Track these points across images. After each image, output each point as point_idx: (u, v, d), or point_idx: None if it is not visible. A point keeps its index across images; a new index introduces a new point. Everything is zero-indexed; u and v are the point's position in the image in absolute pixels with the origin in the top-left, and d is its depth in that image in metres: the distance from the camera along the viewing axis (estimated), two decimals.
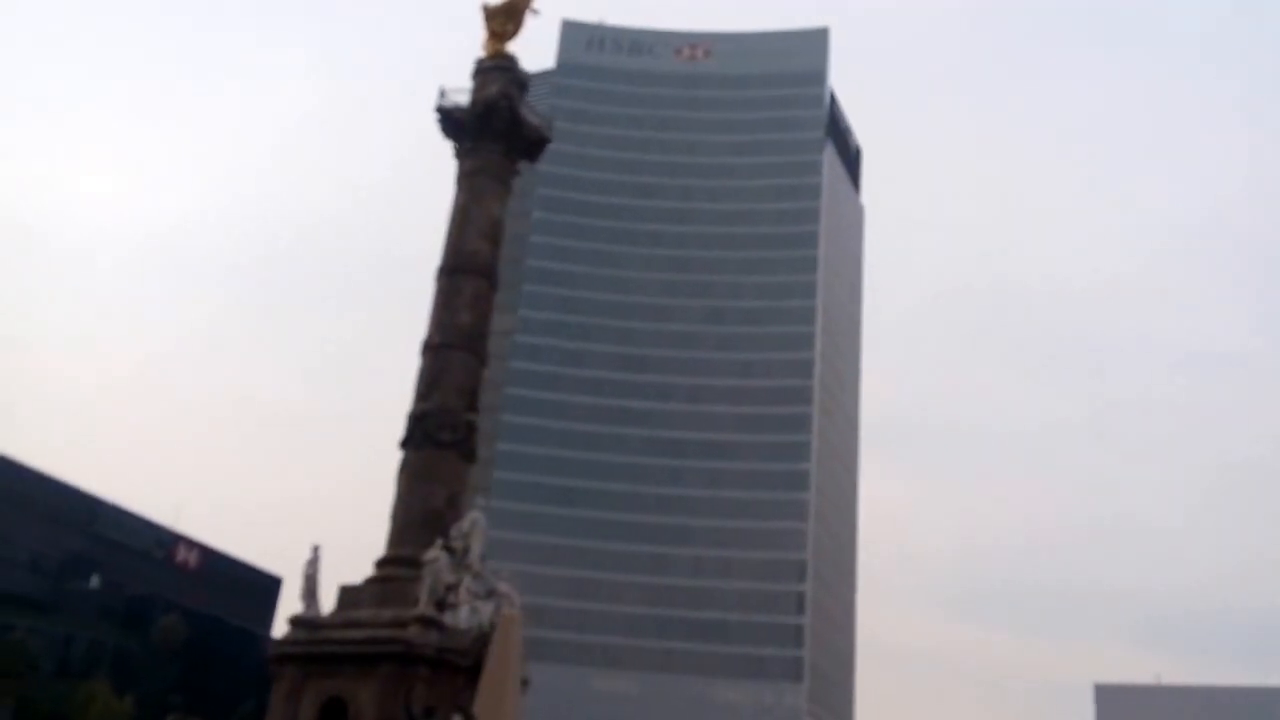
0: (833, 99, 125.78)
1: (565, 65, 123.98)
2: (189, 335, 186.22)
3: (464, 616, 33.04)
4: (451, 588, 33.76)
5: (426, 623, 32.26)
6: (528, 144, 42.14)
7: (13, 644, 75.09)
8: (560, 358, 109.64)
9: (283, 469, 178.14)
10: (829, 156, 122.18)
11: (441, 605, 33.21)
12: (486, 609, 34.61)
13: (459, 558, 34.77)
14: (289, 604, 71.78)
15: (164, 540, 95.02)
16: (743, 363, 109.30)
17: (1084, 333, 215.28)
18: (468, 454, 37.48)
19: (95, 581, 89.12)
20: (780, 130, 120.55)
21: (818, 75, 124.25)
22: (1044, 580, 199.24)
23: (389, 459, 37.59)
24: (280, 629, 34.89)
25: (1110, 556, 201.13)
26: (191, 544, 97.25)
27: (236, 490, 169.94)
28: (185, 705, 74.81)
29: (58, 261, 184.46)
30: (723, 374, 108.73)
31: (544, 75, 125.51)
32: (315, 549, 36.02)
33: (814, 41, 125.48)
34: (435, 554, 33.60)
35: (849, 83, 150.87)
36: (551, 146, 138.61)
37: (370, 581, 35.26)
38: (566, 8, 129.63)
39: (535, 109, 42.91)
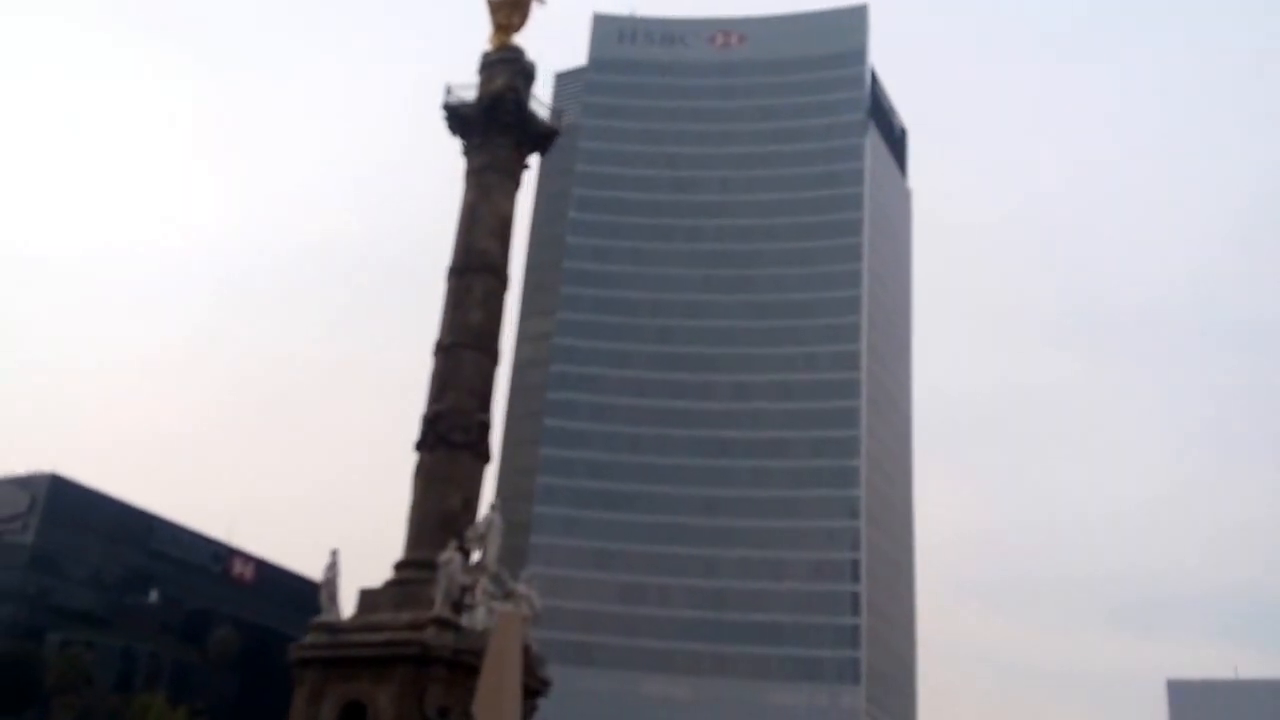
0: (874, 79, 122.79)
1: (598, 60, 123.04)
2: (219, 343, 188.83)
3: (480, 617, 32.54)
4: (467, 589, 33.27)
5: (442, 624, 31.90)
6: (536, 137, 41.22)
7: (73, 658, 76.68)
8: (601, 359, 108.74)
9: (330, 473, 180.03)
10: (872, 139, 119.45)
11: (458, 607, 32.78)
12: (504, 610, 34.04)
13: (476, 559, 34.37)
14: None
15: (220, 554, 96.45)
16: (787, 357, 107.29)
17: (1149, 310, 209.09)
18: (482, 454, 36.92)
19: (154, 596, 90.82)
20: (820, 115, 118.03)
21: (857, 55, 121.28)
22: (1113, 572, 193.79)
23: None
24: None
25: (1182, 548, 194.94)
26: (247, 558, 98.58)
27: (284, 501, 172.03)
28: (242, 715, 75.63)
29: (88, 285, 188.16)
30: (767, 369, 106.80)
31: (577, 72, 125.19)
32: (334, 553, 35.81)
33: (852, 20, 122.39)
34: (449, 555, 33.13)
35: (891, 61, 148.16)
36: (586, 144, 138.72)
37: (389, 585, 34.97)
38: (597, 1, 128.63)
39: (543, 100, 41.93)
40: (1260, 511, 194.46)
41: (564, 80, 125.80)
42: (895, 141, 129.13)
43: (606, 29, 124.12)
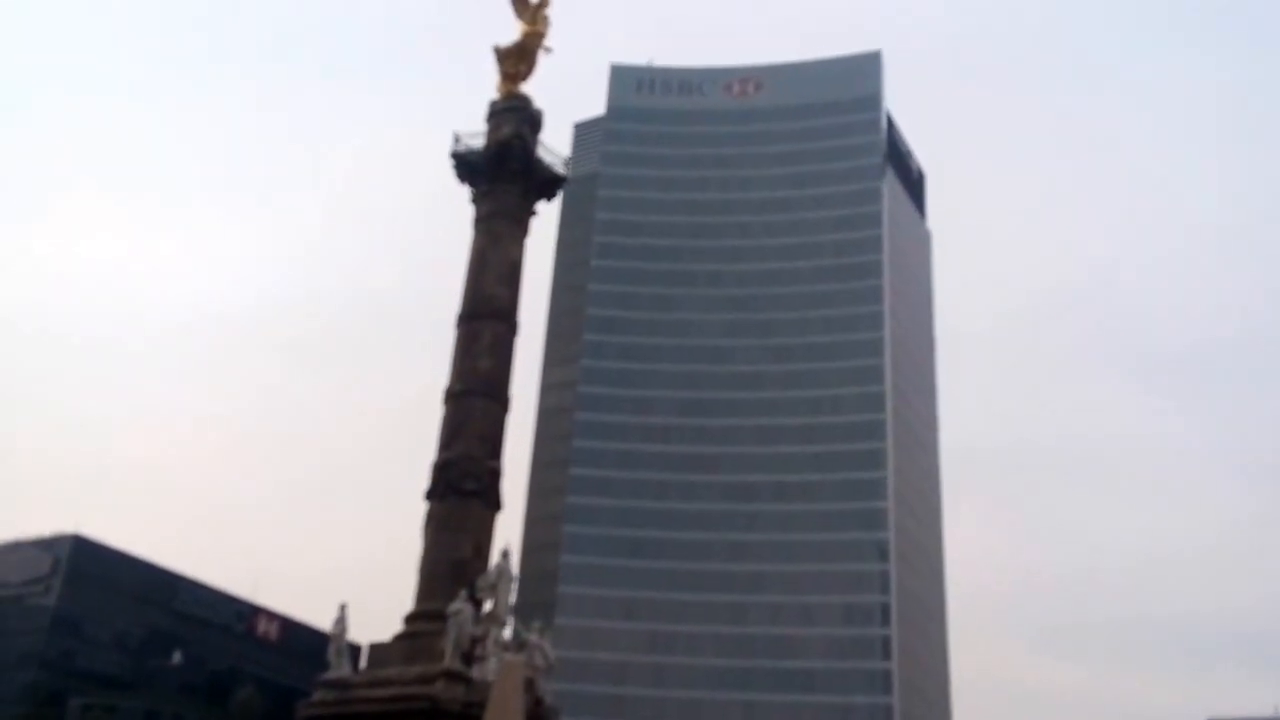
0: (890, 123, 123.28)
1: (616, 109, 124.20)
2: (237, 398, 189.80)
3: (492, 669, 31.78)
4: (478, 640, 32.65)
5: (452, 677, 31.33)
6: (544, 183, 41.35)
7: None
8: (626, 406, 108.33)
9: (353, 528, 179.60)
10: (890, 182, 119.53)
11: (469, 658, 32.18)
12: (523, 662, 33.30)
13: (487, 608, 33.73)
14: None
15: (243, 613, 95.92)
16: (811, 400, 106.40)
17: (1175, 347, 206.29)
18: (493, 502, 36.47)
19: (177, 657, 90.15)
20: (838, 159, 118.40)
21: (873, 100, 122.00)
22: (1148, 610, 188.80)
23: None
24: None
25: (1216, 581, 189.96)
26: (271, 616, 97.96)
27: (309, 554, 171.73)
28: None
29: (116, 343, 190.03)
30: (791, 413, 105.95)
31: (596, 121, 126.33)
32: (342, 608, 35.35)
33: (867, 66, 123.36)
34: (459, 606, 32.56)
35: (907, 105, 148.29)
36: (606, 192, 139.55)
37: (398, 638, 34.42)
38: (615, 53, 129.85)
39: (551, 148, 42.06)
40: None
41: (583, 130, 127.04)
42: (913, 184, 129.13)
43: (624, 79, 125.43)
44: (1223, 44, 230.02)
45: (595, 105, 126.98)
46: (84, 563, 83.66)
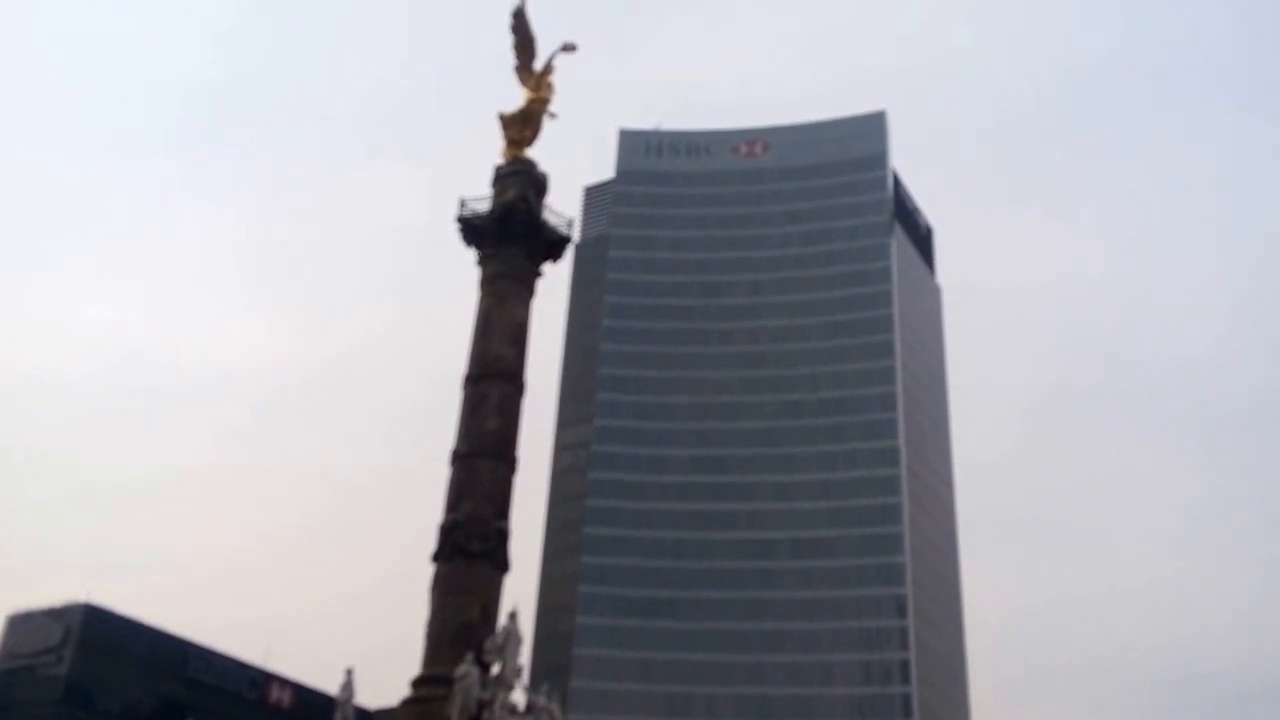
0: (897, 181, 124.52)
1: (625, 173, 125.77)
2: (246, 461, 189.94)
3: None
4: (485, 704, 32.37)
5: None
6: (548, 244, 41.91)
7: None
8: (639, 465, 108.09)
9: (366, 585, 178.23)
10: (898, 239, 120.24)
11: None
12: None
13: (495, 671, 33.49)
14: None
15: (256, 680, 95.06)
16: (826, 455, 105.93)
17: (1197, 398, 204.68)
18: (500, 563, 36.37)
19: None
20: (846, 217, 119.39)
21: (879, 159, 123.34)
22: (1180, 671, 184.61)
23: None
24: None
25: (1245, 637, 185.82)
26: (284, 682, 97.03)
27: (323, 617, 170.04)
28: None
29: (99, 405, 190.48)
30: (806, 469, 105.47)
31: (606, 185, 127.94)
32: (349, 673, 35.26)
33: (872, 125, 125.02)
34: (466, 669, 32.38)
35: (912, 163, 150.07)
36: (617, 253, 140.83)
37: (406, 703, 34.18)
38: (623, 118, 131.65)
39: (556, 210, 42.71)
40: None
41: (593, 193, 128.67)
42: (921, 240, 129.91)
43: (633, 143, 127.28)
44: (1221, 102, 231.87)
45: (605, 169, 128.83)
46: (95, 632, 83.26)
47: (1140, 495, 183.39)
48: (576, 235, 58.52)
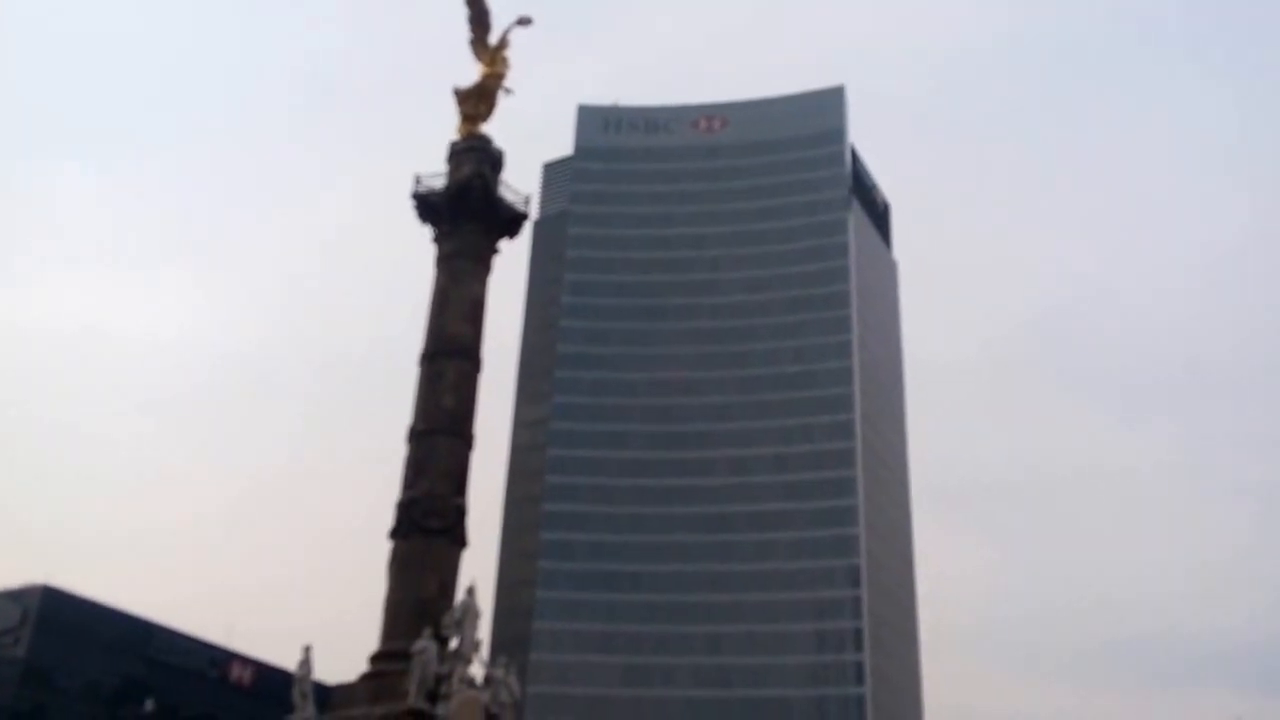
0: (855, 156, 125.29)
1: (583, 149, 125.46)
2: (207, 440, 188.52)
3: (456, 707, 31.91)
4: (443, 678, 32.75)
5: (416, 716, 31.42)
6: (505, 221, 41.82)
7: None
8: (599, 441, 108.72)
9: (325, 562, 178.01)
10: (855, 214, 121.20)
11: (434, 697, 32.22)
12: (482, 698, 33.47)
13: (453, 646, 33.90)
14: None
15: (217, 659, 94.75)
16: (783, 429, 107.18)
17: (1154, 368, 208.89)
18: (458, 539, 36.62)
19: (150, 705, 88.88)
20: (804, 192, 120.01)
21: (837, 134, 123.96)
22: (1145, 632, 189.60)
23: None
24: None
25: (1211, 604, 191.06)
26: (245, 661, 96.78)
27: (284, 595, 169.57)
28: None
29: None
30: (763, 443, 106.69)
31: (564, 161, 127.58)
32: (306, 650, 35.41)
33: (830, 101, 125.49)
34: (424, 644, 32.71)
35: (870, 139, 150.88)
36: (576, 230, 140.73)
37: (363, 678, 34.43)
38: (581, 94, 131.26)
39: (513, 186, 42.69)
40: None
41: (552, 170, 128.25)
42: (878, 216, 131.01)
43: (591, 119, 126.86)
44: (1186, 71, 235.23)
45: (563, 146, 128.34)
46: (54, 613, 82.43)
47: (1088, 463, 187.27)
48: (535, 212, 58.46)
